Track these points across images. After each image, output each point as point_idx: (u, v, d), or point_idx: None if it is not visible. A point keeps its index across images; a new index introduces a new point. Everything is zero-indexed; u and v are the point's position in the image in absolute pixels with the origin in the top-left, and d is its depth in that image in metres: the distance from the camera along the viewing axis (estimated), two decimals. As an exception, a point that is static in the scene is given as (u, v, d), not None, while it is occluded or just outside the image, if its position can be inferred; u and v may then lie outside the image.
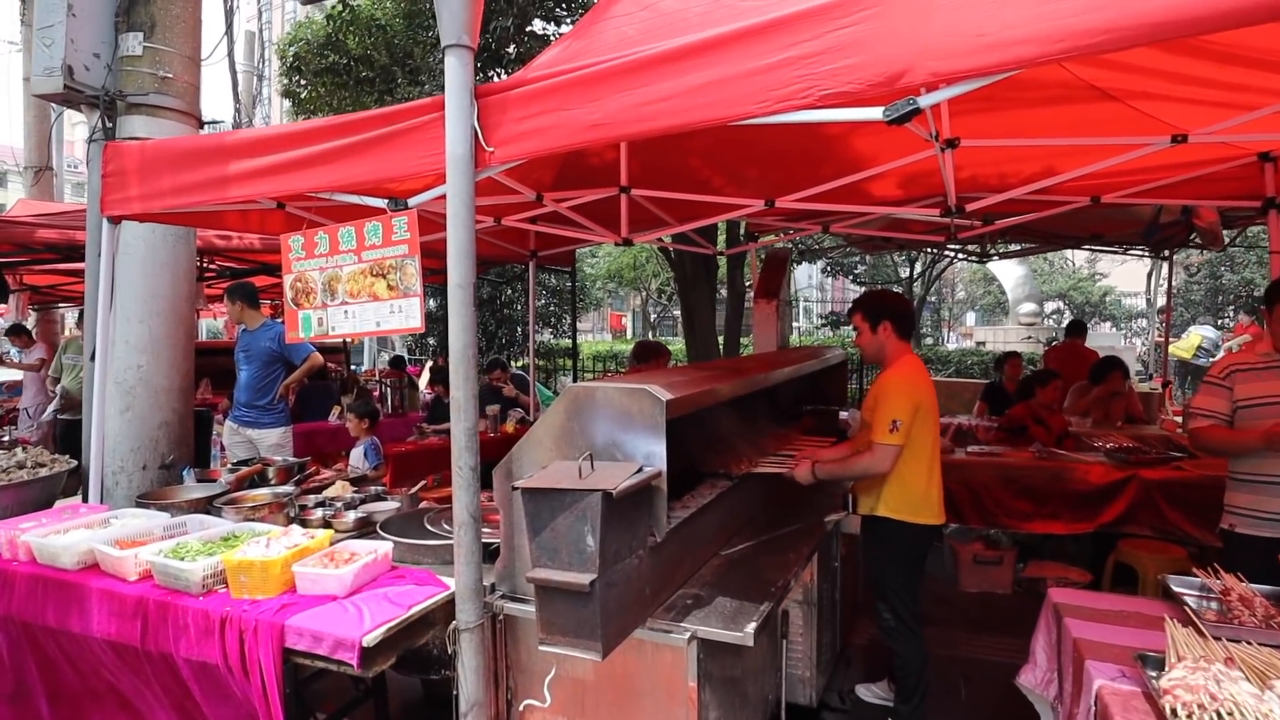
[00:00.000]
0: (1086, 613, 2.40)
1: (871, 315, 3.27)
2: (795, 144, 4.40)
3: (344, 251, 2.57)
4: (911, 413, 3.04)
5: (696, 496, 2.86)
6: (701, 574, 2.59)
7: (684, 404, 2.28)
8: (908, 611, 3.25)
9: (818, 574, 3.10)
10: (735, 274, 8.61)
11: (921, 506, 3.17)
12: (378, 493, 3.34)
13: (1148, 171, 4.14)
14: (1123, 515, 4.50)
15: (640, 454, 2.20)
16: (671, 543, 2.35)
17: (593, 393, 2.25)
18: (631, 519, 2.10)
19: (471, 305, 2.25)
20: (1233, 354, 2.80)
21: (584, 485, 1.94)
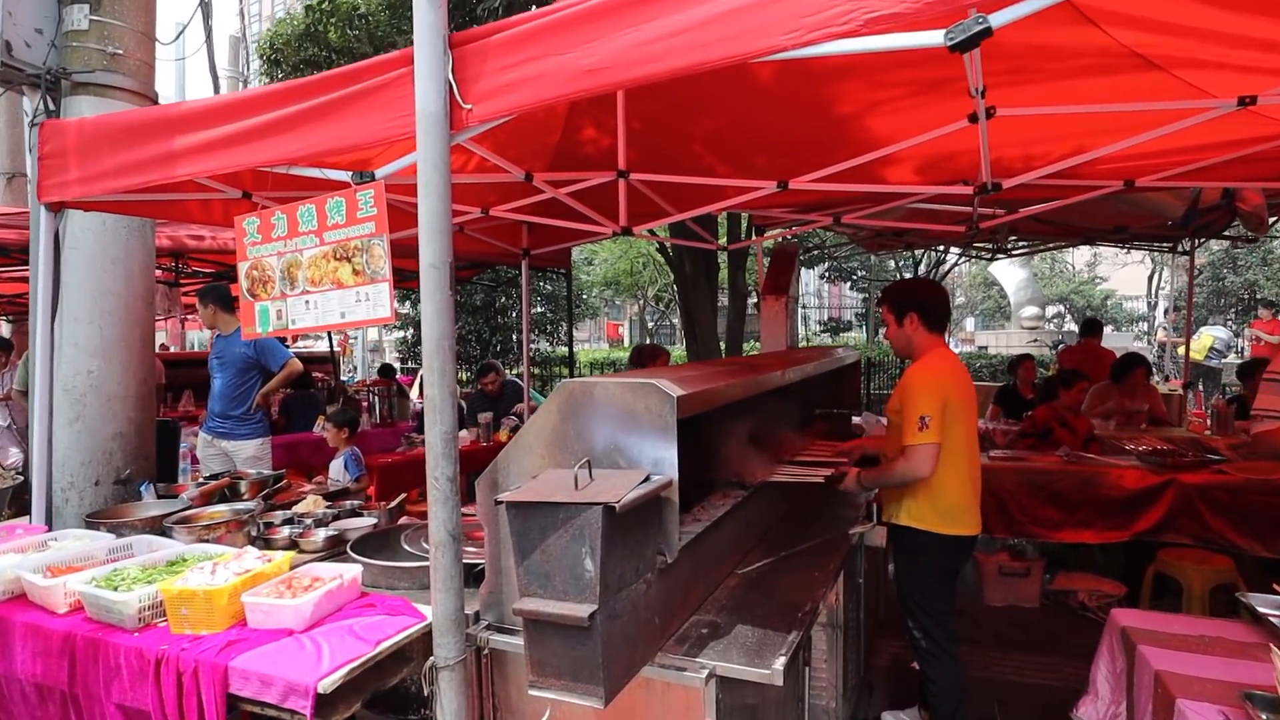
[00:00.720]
0: (1163, 639, 2.07)
1: (898, 306, 3.03)
2: (806, 128, 4.11)
3: (304, 233, 2.25)
4: (939, 407, 2.76)
5: (709, 508, 2.53)
6: (717, 597, 2.27)
7: (696, 401, 1.97)
8: (940, 631, 2.94)
9: (843, 593, 2.78)
10: (737, 275, 8.31)
11: (953, 515, 2.88)
12: (353, 508, 3.01)
13: (1187, 152, 3.85)
14: (1160, 523, 4.18)
15: (647, 460, 1.88)
16: (684, 562, 2.03)
17: (590, 389, 1.93)
18: (638, 537, 1.78)
19: (447, 289, 1.94)
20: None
21: (581, 498, 1.62)
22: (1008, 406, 6.37)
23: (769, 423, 3.34)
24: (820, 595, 2.28)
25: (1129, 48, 3.28)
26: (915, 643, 3.01)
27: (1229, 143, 3.71)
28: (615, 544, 1.65)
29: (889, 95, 3.85)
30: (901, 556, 3.03)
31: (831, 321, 24.15)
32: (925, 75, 3.67)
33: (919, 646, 2.99)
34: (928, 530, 2.88)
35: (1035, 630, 4.25)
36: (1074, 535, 4.34)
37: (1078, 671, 3.73)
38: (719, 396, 2.15)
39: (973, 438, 2.98)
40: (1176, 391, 7.75)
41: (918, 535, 2.90)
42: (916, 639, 3.00)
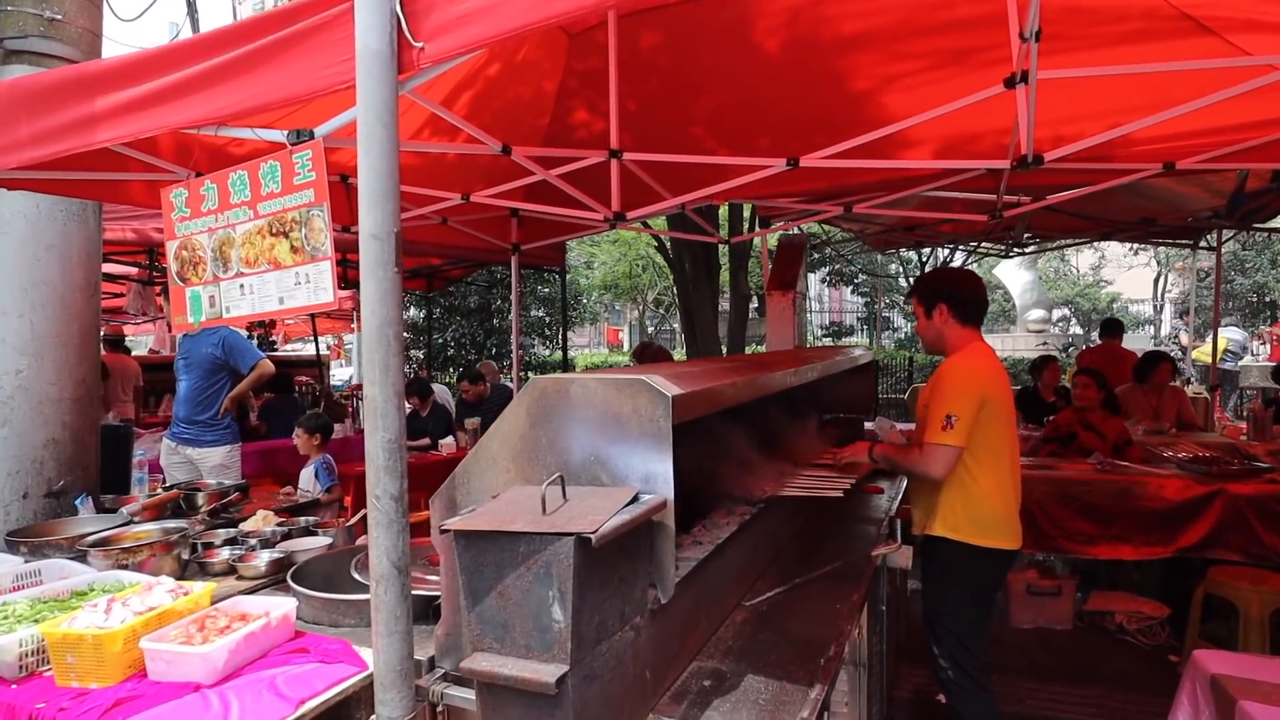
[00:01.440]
0: (1265, 691, 1.71)
1: (927, 297, 2.75)
2: (816, 106, 3.76)
3: (236, 205, 1.91)
4: (974, 407, 2.49)
5: (711, 528, 2.18)
6: (722, 637, 1.91)
7: (696, 403, 1.62)
8: (971, 660, 2.60)
9: (867, 625, 2.42)
10: (739, 274, 7.96)
11: (991, 526, 2.57)
12: (307, 525, 2.65)
13: (1233, 130, 3.49)
14: (1207, 538, 3.82)
15: (636, 475, 1.53)
16: (682, 599, 1.68)
17: (566, 388, 1.58)
18: (623, 572, 1.43)
19: (392, 265, 1.58)
20: None
21: (548, 526, 1.26)
22: (1027, 410, 6.02)
23: (777, 428, 2.99)
24: (845, 633, 1.92)
25: (1179, 8, 2.94)
26: (942, 673, 2.67)
27: (1275, 121, 3.37)
28: (593, 584, 1.30)
29: (908, 69, 3.51)
30: (932, 572, 2.71)
31: (833, 325, 23.79)
32: (949, 45, 3.33)
33: (945, 677, 2.66)
34: (964, 542, 2.57)
35: (1070, 656, 3.88)
36: (1110, 551, 3.98)
37: (1124, 707, 3.38)
38: (722, 397, 1.79)
39: (1014, 441, 2.67)
40: (1201, 394, 7.39)
41: (952, 548, 2.59)
42: (943, 668, 2.66)
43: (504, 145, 2.84)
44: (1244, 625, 3.40)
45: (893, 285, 21.13)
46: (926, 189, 4.08)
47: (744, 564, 2.18)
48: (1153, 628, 4.04)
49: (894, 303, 22.13)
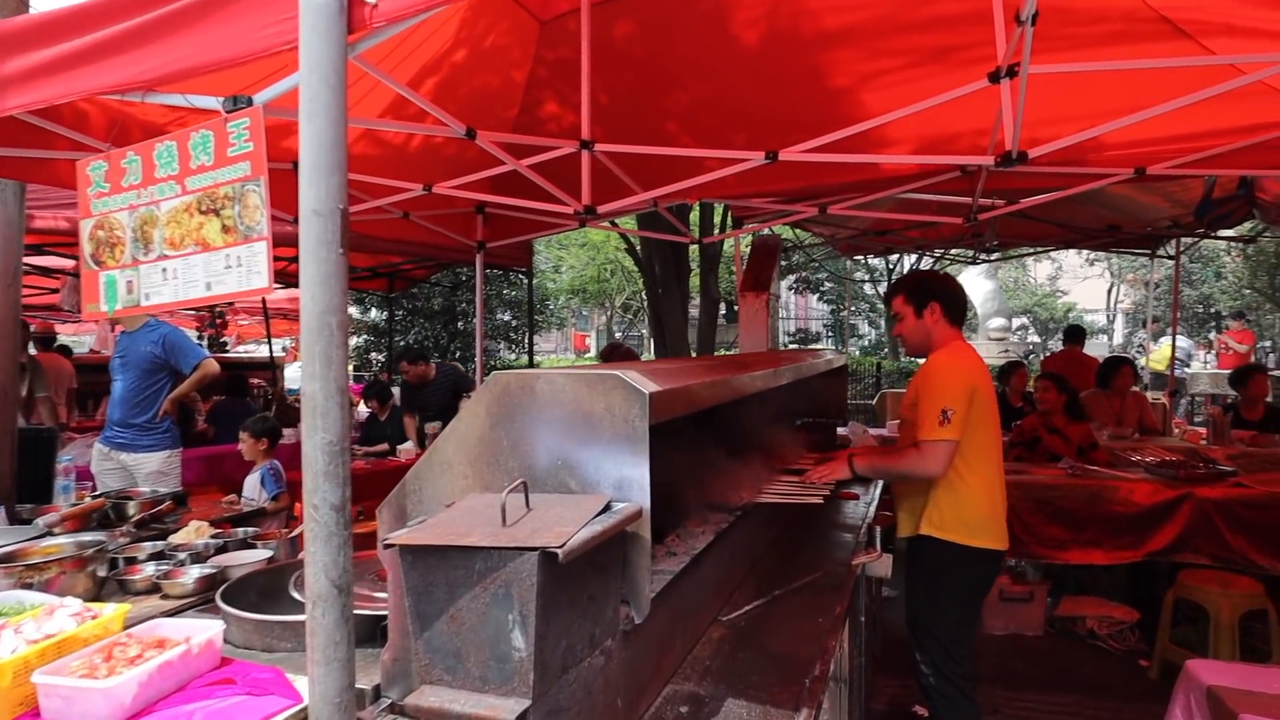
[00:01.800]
0: (1264, 703, 1.62)
1: (917, 296, 2.69)
2: (793, 102, 3.66)
3: (162, 179, 1.71)
4: (966, 400, 2.44)
5: (686, 537, 2.04)
6: (698, 656, 1.77)
7: (674, 402, 1.47)
8: (955, 667, 2.52)
9: (848, 639, 2.29)
10: (709, 277, 7.86)
11: (980, 526, 2.52)
12: (245, 537, 2.44)
13: (1203, 137, 3.49)
14: (1176, 541, 3.80)
15: (608, 481, 1.38)
16: (657, 617, 1.53)
17: (531, 384, 1.43)
18: (593, 590, 1.28)
19: (336, 246, 1.41)
20: None
21: (508, 540, 1.11)
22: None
23: (752, 432, 2.86)
24: (830, 650, 1.79)
25: (1157, 10, 2.91)
26: (924, 679, 2.58)
27: (1248, 128, 3.37)
28: (559, 605, 1.15)
29: (887, 66, 3.43)
30: (918, 574, 2.63)
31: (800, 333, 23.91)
32: (930, 42, 3.25)
33: (927, 684, 2.57)
34: (953, 542, 2.50)
35: (1043, 662, 3.82)
36: (1081, 556, 3.93)
37: (1099, 714, 3.32)
38: (701, 397, 1.65)
39: (999, 440, 2.64)
40: (1159, 400, 7.48)
41: (941, 548, 2.51)
42: (925, 675, 2.57)
43: (469, 128, 2.67)
44: (1214, 629, 3.37)
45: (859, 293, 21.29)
46: (903, 190, 4.02)
47: (721, 576, 2.04)
48: (1123, 632, 4.01)
49: (859, 310, 22.31)
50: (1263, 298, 16.33)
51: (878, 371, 13.55)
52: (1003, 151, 2.52)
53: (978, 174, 3.82)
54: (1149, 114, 2.60)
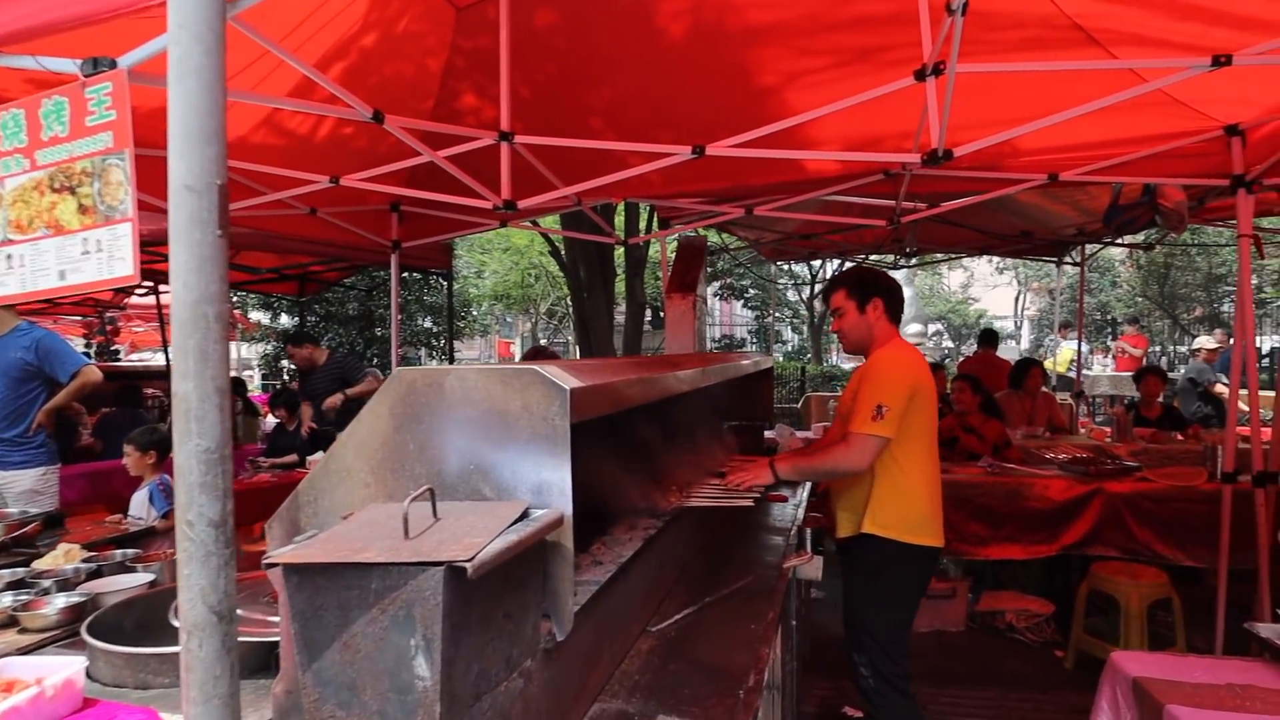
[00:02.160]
0: (1190, 693, 1.63)
1: (860, 291, 2.63)
2: (720, 100, 3.62)
3: (7, 153, 1.50)
4: (905, 398, 2.41)
5: (613, 545, 1.93)
6: (627, 670, 1.66)
7: (597, 399, 1.37)
8: (891, 666, 2.49)
9: (780, 644, 2.23)
10: (634, 281, 7.79)
11: (922, 523, 2.51)
12: (123, 560, 2.20)
13: (1109, 146, 3.64)
14: (1088, 535, 3.93)
15: (525, 485, 1.26)
16: (581, 633, 1.41)
17: (440, 381, 1.29)
18: (509, 608, 1.15)
19: (213, 227, 1.24)
20: None
21: (411, 555, 0.98)
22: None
23: (680, 434, 2.78)
24: (764, 658, 1.71)
25: (1071, 18, 2.98)
26: (861, 681, 2.54)
27: (1151, 137, 3.53)
28: (469, 626, 1.02)
29: (813, 65, 3.42)
30: (857, 574, 2.58)
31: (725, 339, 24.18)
32: (854, 42, 3.25)
33: (865, 686, 2.53)
34: (895, 540, 2.46)
35: (965, 658, 3.87)
36: (1000, 551, 4.02)
37: (1020, 706, 3.37)
38: (626, 394, 1.55)
39: (936, 440, 2.63)
40: (1066, 401, 7.83)
41: (883, 546, 2.47)
42: (863, 676, 2.53)
43: (375, 111, 2.50)
44: (1124, 618, 3.48)
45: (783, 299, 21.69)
46: (829, 192, 4.04)
47: (650, 585, 1.94)
48: (1039, 625, 4.11)
49: (783, 316, 22.73)
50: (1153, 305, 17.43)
51: (802, 375, 13.79)
52: (929, 150, 2.52)
53: (901, 178, 3.88)
54: (1063, 117, 2.66)
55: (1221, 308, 17.26)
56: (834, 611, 4.45)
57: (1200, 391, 7.41)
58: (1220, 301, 17.28)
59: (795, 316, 22.54)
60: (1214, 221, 6.13)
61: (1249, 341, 3.37)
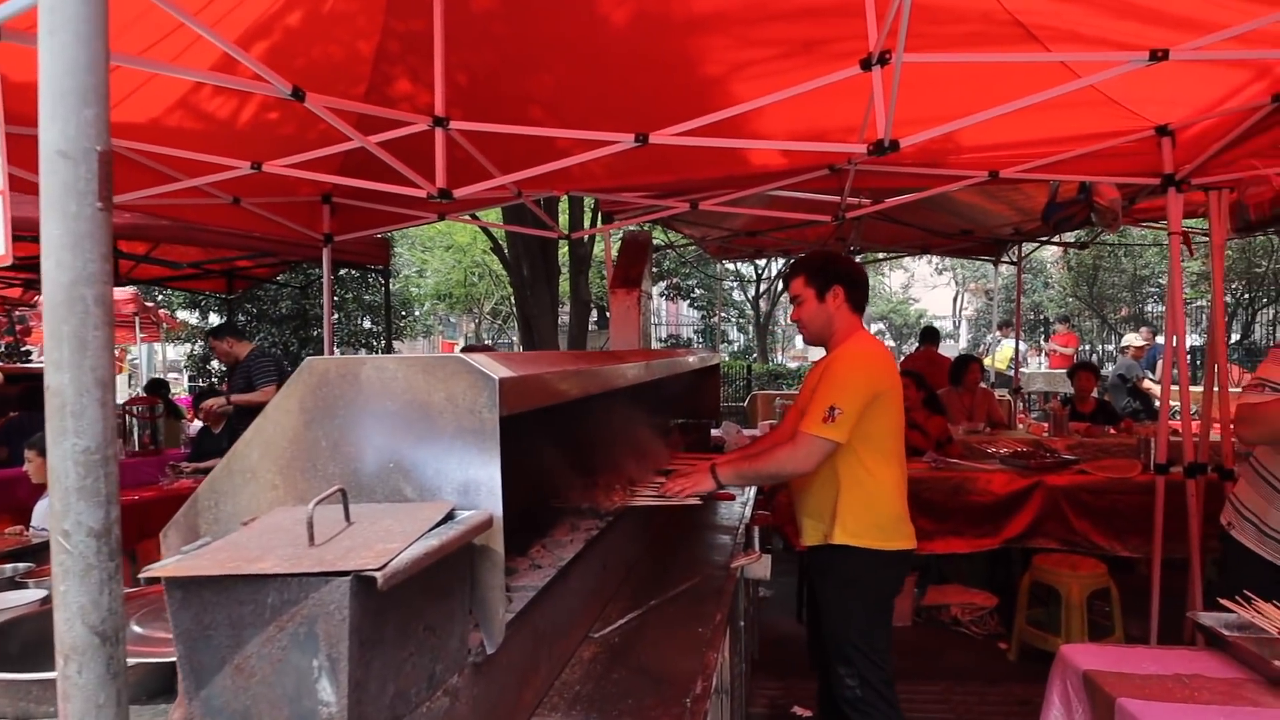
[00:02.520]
0: (1140, 685, 1.62)
1: (819, 278, 2.47)
2: (664, 90, 3.55)
3: None
4: (864, 400, 2.27)
5: (553, 548, 1.83)
6: (567, 680, 1.56)
7: (530, 391, 1.27)
8: (878, 673, 2.36)
9: (728, 646, 2.16)
10: (579, 279, 7.68)
11: (894, 527, 2.40)
12: (13, 575, 2.00)
13: (1047, 144, 3.70)
14: (1029, 528, 3.98)
15: (451, 485, 1.16)
16: (516, 643, 1.31)
17: (356, 372, 1.18)
18: (431, 620, 1.04)
19: (93, 199, 1.09)
20: None
21: (314, 564, 0.86)
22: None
23: (624, 431, 2.70)
24: (712, 663, 1.63)
25: (1011, 14, 3.00)
26: (847, 693, 2.38)
27: (1087, 136, 3.60)
28: (382, 641, 0.91)
29: (758, 56, 3.38)
30: (831, 586, 2.43)
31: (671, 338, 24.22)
32: (799, 34, 3.22)
33: (853, 697, 2.37)
34: (871, 549, 2.34)
35: (913, 653, 3.88)
36: (945, 545, 4.04)
37: (966, 699, 3.38)
38: (562, 387, 1.46)
39: (903, 440, 2.50)
40: (1004, 397, 8.01)
41: (856, 557, 2.35)
42: (850, 688, 2.37)
43: (295, 88, 2.35)
44: (1065, 609, 3.54)
45: (729, 299, 21.83)
46: (774, 187, 4.01)
47: (592, 588, 1.85)
48: (983, 617, 4.16)
49: (729, 317, 22.89)
50: (1083, 305, 18.10)
51: (748, 374, 13.87)
52: (875, 140, 2.48)
53: (845, 173, 3.87)
54: (1004, 109, 2.66)
55: (1146, 307, 18.03)
56: (782, 609, 4.45)
57: (1129, 387, 7.67)
58: (1145, 301, 18.06)
59: (741, 316, 22.72)
60: (1141, 222, 6.35)
61: (1180, 338, 3.46)
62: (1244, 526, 2.27)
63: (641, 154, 4.09)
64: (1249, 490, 2.28)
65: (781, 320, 28.40)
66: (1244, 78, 2.94)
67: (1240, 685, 1.59)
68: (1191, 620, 1.87)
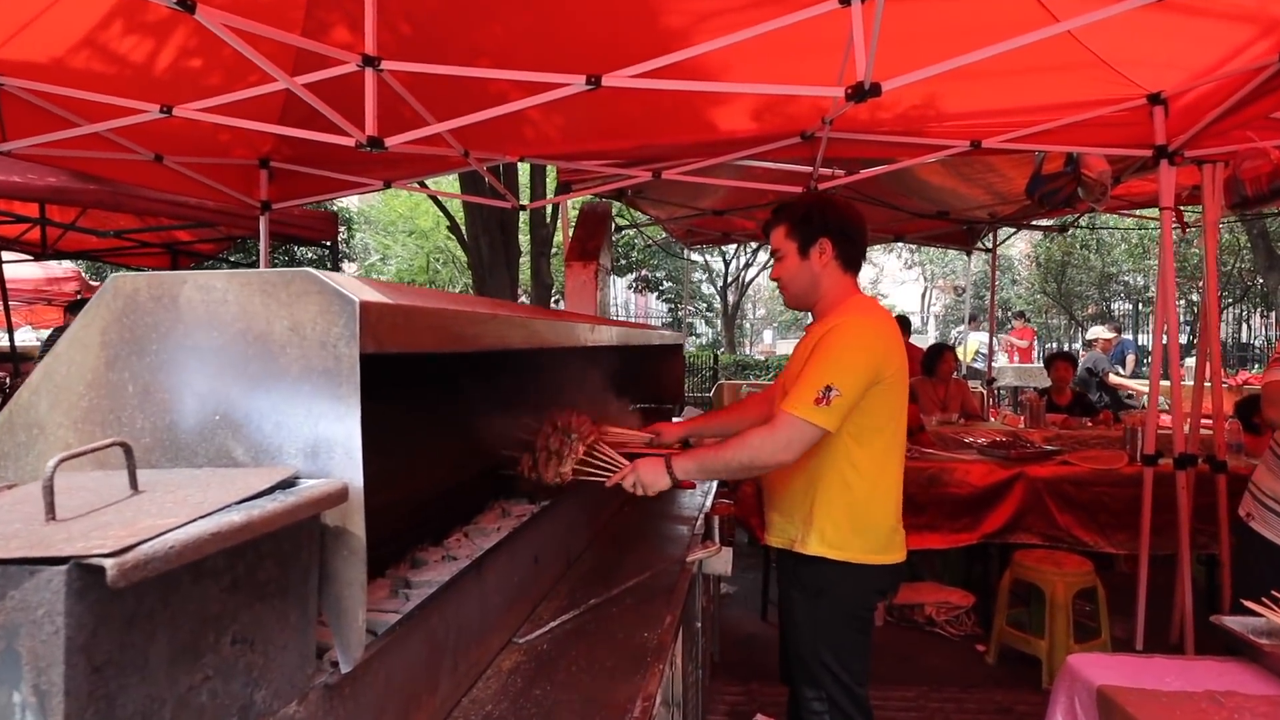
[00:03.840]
0: (1165, 704, 1.37)
1: (802, 229, 1.97)
2: (623, 39, 3.25)
3: None
4: (866, 382, 1.79)
5: (475, 536, 1.54)
6: (479, 697, 1.27)
7: (412, 327, 0.97)
8: (851, 700, 1.93)
9: (681, 652, 1.88)
10: (541, 262, 7.34)
11: (887, 538, 1.94)
12: None
13: (1032, 112, 3.48)
14: (1009, 523, 3.76)
15: (296, 443, 0.86)
16: (403, 654, 1.02)
17: (174, 293, 0.88)
18: (243, 629, 0.74)
19: None
20: None
21: (25, 547, 0.56)
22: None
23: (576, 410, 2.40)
24: (656, 674, 1.35)
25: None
26: (812, 716, 1.96)
27: (1075, 104, 3.38)
28: (138, 665, 0.62)
29: (725, 5, 3.11)
30: (802, 601, 1.97)
31: (642, 332, 23.99)
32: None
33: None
34: (852, 562, 1.88)
35: (885, 655, 3.63)
36: (920, 540, 3.79)
37: (944, 706, 3.14)
38: (466, 331, 1.16)
39: (904, 435, 2.03)
40: (978, 389, 7.88)
41: (832, 570, 1.89)
42: (816, 713, 1.95)
43: None
44: (1050, 608, 3.31)
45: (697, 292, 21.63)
46: (742, 155, 3.74)
47: (519, 585, 1.55)
48: (959, 617, 3.94)
49: (697, 310, 22.71)
50: (1051, 301, 18.18)
51: (715, 363, 13.65)
52: (855, 84, 2.21)
53: (818, 141, 3.62)
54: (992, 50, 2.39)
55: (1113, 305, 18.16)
56: (745, 606, 4.19)
57: (1097, 381, 7.57)
58: (1112, 299, 18.19)
59: (709, 310, 22.54)
60: (1120, 210, 6.20)
61: (1171, 322, 3.25)
62: (1267, 517, 2.05)
63: (601, 117, 3.80)
64: (1269, 477, 2.06)
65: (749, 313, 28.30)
66: (1247, 35, 2.73)
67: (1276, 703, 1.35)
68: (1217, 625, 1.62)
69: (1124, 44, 3.08)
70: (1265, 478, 2.10)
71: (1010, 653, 3.48)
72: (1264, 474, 2.12)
